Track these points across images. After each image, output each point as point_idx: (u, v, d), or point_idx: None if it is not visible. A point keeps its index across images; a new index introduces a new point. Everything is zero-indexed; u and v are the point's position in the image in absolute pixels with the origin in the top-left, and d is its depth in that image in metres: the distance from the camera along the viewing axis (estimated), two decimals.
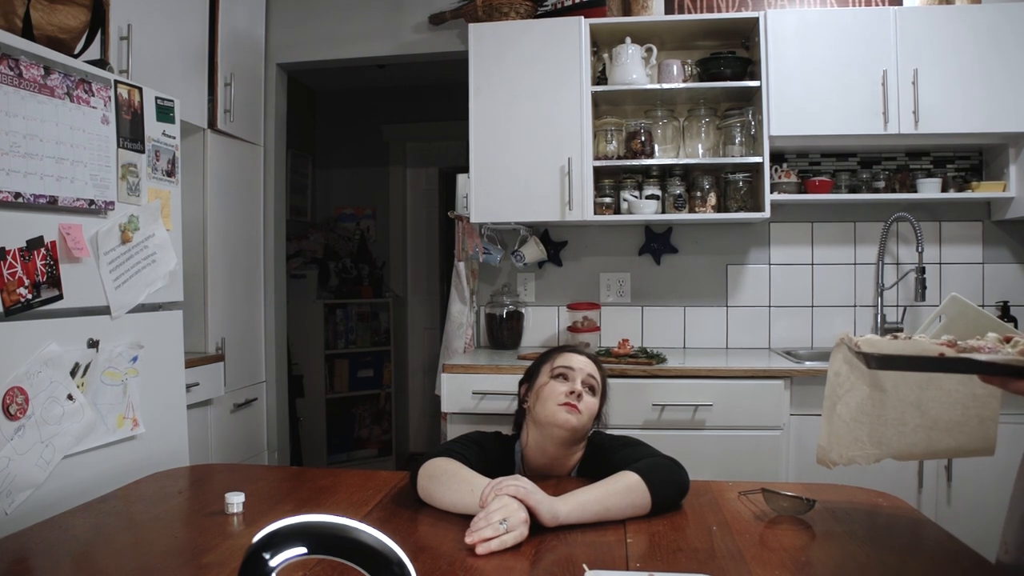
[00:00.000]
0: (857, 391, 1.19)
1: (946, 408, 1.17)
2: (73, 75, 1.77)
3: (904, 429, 1.19)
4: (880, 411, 1.19)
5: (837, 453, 1.22)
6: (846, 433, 1.20)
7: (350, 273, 4.80)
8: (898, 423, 1.19)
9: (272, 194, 3.38)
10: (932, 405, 1.17)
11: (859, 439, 1.20)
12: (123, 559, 1.18)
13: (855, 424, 1.20)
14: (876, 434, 1.20)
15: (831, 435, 1.22)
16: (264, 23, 3.34)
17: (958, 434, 1.18)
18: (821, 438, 1.23)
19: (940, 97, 2.59)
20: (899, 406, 1.18)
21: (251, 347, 3.21)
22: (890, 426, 1.19)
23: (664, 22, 2.84)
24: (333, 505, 1.40)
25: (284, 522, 0.60)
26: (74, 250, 1.77)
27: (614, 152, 2.87)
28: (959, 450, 1.20)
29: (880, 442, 1.20)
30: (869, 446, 1.20)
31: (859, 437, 1.20)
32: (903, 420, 1.19)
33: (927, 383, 1.17)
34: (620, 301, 3.11)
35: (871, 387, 1.18)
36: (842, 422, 1.20)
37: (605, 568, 1.08)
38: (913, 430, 1.19)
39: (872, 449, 1.20)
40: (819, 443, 1.23)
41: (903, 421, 1.19)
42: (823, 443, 1.23)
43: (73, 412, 1.75)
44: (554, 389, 1.54)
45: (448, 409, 2.56)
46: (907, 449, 1.21)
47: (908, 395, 1.18)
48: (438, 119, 4.83)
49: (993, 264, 2.93)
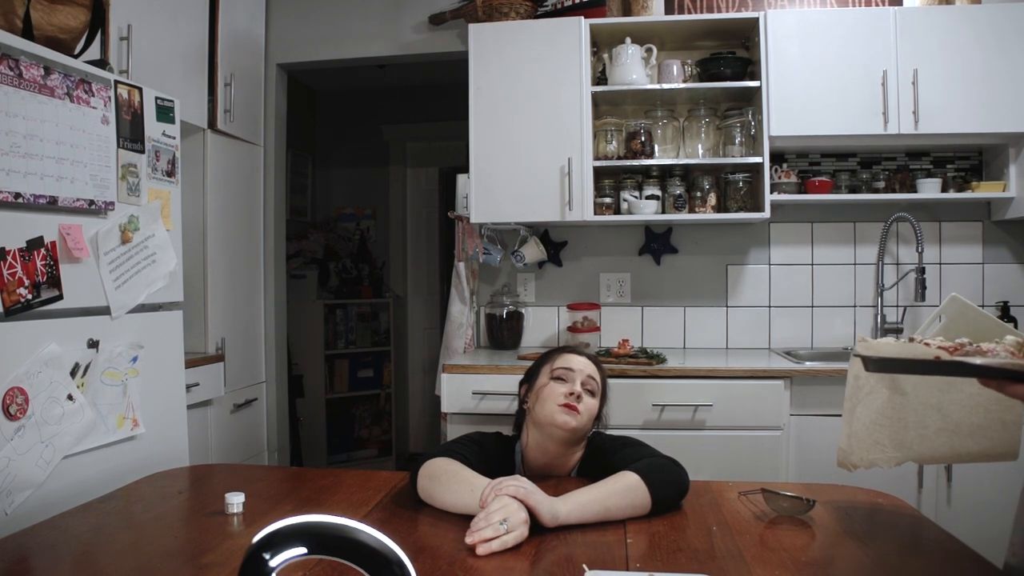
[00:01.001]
0: (877, 394, 1.17)
1: (968, 411, 1.14)
2: (73, 75, 1.77)
3: (926, 432, 1.17)
4: (901, 414, 1.17)
5: (858, 456, 1.20)
6: (866, 436, 1.19)
7: (350, 273, 4.80)
8: (919, 426, 1.17)
9: (272, 194, 3.38)
10: (953, 408, 1.15)
11: (879, 442, 1.19)
12: (123, 559, 1.18)
13: (875, 427, 1.18)
14: (897, 437, 1.18)
15: (851, 437, 1.20)
16: (264, 23, 3.34)
17: (980, 438, 1.16)
18: (841, 440, 1.21)
19: (940, 97, 2.59)
20: (920, 409, 1.17)
21: (251, 347, 3.21)
22: (911, 429, 1.18)
23: (664, 22, 2.84)
24: (333, 505, 1.40)
25: (284, 522, 0.60)
26: (74, 250, 1.77)
27: (614, 152, 2.87)
28: (981, 454, 1.18)
29: (901, 445, 1.19)
30: (890, 449, 1.19)
31: (879, 440, 1.19)
32: (924, 423, 1.17)
33: (948, 386, 1.15)
34: (620, 301, 3.11)
35: (891, 390, 1.17)
36: (862, 425, 1.19)
37: (605, 568, 1.08)
38: (935, 434, 1.17)
39: (893, 452, 1.19)
40: (839, 446, 1.22)
41: (924, 424, 1.17)
42: (843, 446, 1.21)
43: (73, 412, 1.75)
44: (554, 390, 1.54)
45: (448, 409, 2.56)
46: (929, 452, 1.19)
47: (929, 398, 1.16)
48: (438, 119, 4.83)
49: (993, 264, 2.93)
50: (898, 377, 1.15)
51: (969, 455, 1.19)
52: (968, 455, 1.19)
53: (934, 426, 1.17)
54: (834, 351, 2.90)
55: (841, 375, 2.39)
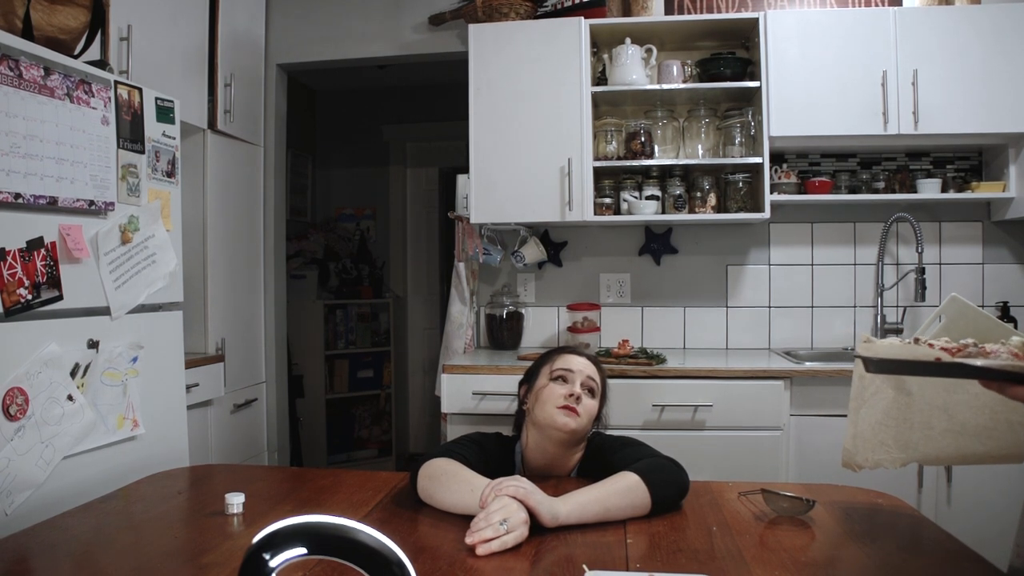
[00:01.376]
0: (882, 394, 1.16)
1: (974, 412, 1.12)
2: (73, 76, 1.77)
3: (931, 433, 1.16)
4: (906, 414, 1.16)
5: (863, 456, 1.19)
6: (872, 436, 1.18)
7: (350, 273, 4.80)
8: (925, 427, 1.16)
9: (272, 194, 3.38)
10: (959, 409, 1.13)
11: (884, 442, 1.18)
12: (123, 559, 1.18)
13: (881, 427, 1.17)
14: (902, 438, 1.17)
15: (856, 438, 1.19)
16: (264, 23, 3.34)
17: (987, 439, 1.14)
18: (846, 441, 1.20)
19: (940, 97, 2.59)
20: (926, 410, 1.15)
21: (251, 347, 3.21)
22: (917, 430, 1.16)
23: (664, 22, 2.84)
24: (333, 505, 1.40)
25: (284, 522, 0.60)
26: (74, 251, 1.77)
27: (614, 152, 2.87)
28: (987, 456, 1.16)
29: (907, 446, 1.17)
30: (895, 450, 1.18)
31: (884, 440, 1.18)
32: (930, 424, 1.15)
33: (954, 387, 1.14)
34: (620, 301, 3.11)
35: (896, 390, 1.16)
36: (867, 425, 1.18)
37: (605, 568, 1.08)
38: (940, 434, 1.15)
39: (898, 453, 1.18)
40: (844, 446, 1.21)
41: (930, 425, 1.15)
42: (848, 446, 1.20)
43: (73, 412, 1.75)
44: (553, 391, 1.54)
45: (448, 409, 2.56)
46: (935, 453, 1.18)
47: (935, 399, 1.14)
48: (438, 119, 4.83)
49: (993, 264, 2.93)
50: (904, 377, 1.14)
51: (975, 456, 1.17)
52: (974, 456, 1.17)
53: (940, 427, 1.15)
54: (834, 351, 2.90)
55: (841, 375, 2.40)
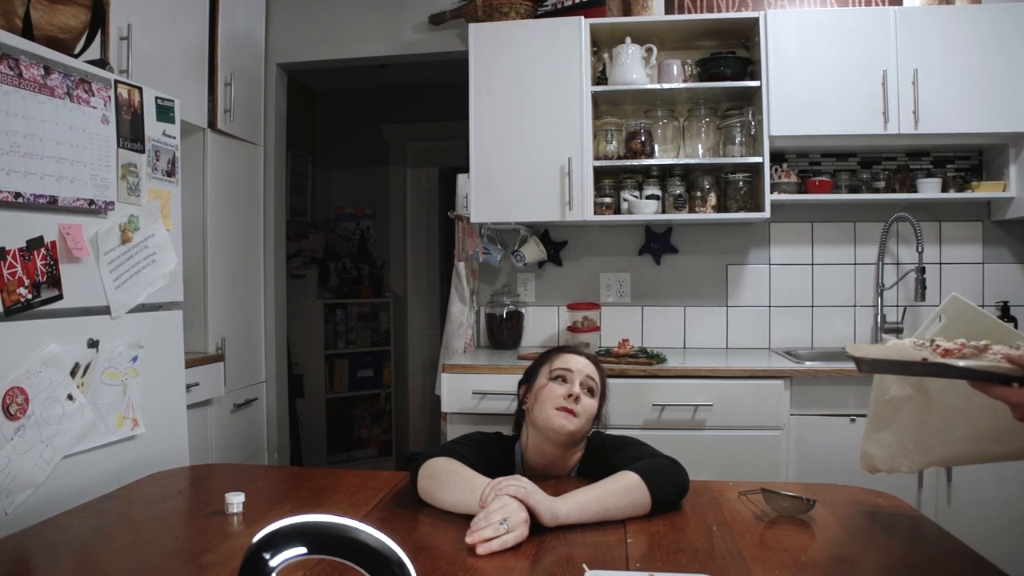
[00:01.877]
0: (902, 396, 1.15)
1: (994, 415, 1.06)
2: (73, 75, 1.76)
3: (950, 437, 1.14)
4: (925, 418, 1.15)
5: (881, 460, 1.18)
6: (892, 440, 1.17)
7: (350, 273, 4.80)
8: (943, 431, 1.14)
9: (272, 194, 3.38)
10: (978, 412, 1.09)
11: (904, 445, 1.17)
12: (123, 559, 1.18)
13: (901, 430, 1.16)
14: (922, 442, 1.16)
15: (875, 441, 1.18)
16: (264, 23, 3.34)
17: (1009, 441, 1.11)
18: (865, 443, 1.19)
19: (940, 97, 2.59)
20: (945, 413, 1.13)
21: (251, 347, 3.21)
22: (934, 434, 1.15)
23: (664, 22, 2.84)
24: (333, 505, 1.40)
25: (284, 522, 0.60)
26: (74, 250, 1.77)
27: (614, 152, 2.87)
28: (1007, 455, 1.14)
29: (926, 450, 1.16)
30: (915, 453, 1.17)
31: (904, 443, 1.17)
32: (950, 428, 1.13)
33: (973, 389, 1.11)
34: (620, 301, 3.11)
35: (916, 390, 1.14)
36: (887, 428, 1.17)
37: (605, 568, 1.08)
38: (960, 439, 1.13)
39: (918, 456, 1.17)
40: (862, 448, 1.20)
41: (950, 429, 1.13)
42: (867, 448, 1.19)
43: (73, 412, 1.75)
44: (552, 391, 1.54)
45: (448, 409, 2.56)
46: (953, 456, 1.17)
47: (955, 401, 1.12)
48: (438, 119, 4.83)
49: (993, 264, 2.92)
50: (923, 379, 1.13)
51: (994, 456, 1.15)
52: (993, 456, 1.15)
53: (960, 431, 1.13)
54: (834, 351, 2.90)
55: (841, 375, 2.40)
